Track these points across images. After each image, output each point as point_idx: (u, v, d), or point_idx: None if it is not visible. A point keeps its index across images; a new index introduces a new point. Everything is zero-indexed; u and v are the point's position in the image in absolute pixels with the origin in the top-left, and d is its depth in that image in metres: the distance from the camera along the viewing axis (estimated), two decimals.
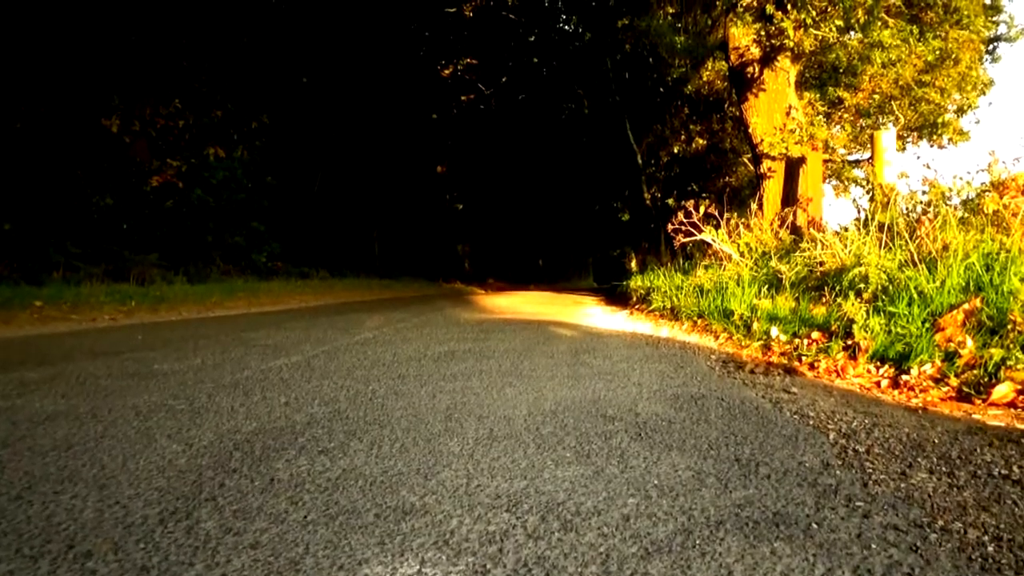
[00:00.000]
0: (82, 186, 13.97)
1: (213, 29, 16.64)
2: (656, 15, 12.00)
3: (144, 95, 15.35)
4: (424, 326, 6.63)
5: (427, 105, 28.06)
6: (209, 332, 6.16)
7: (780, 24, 7.04)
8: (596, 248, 65.84)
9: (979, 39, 7.76)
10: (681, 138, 14.68)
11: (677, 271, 8.67)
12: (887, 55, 7.46)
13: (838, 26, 6.84)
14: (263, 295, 13.63)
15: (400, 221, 29.02)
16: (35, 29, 13.44)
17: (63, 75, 14.03)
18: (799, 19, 6.94)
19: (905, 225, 5.25)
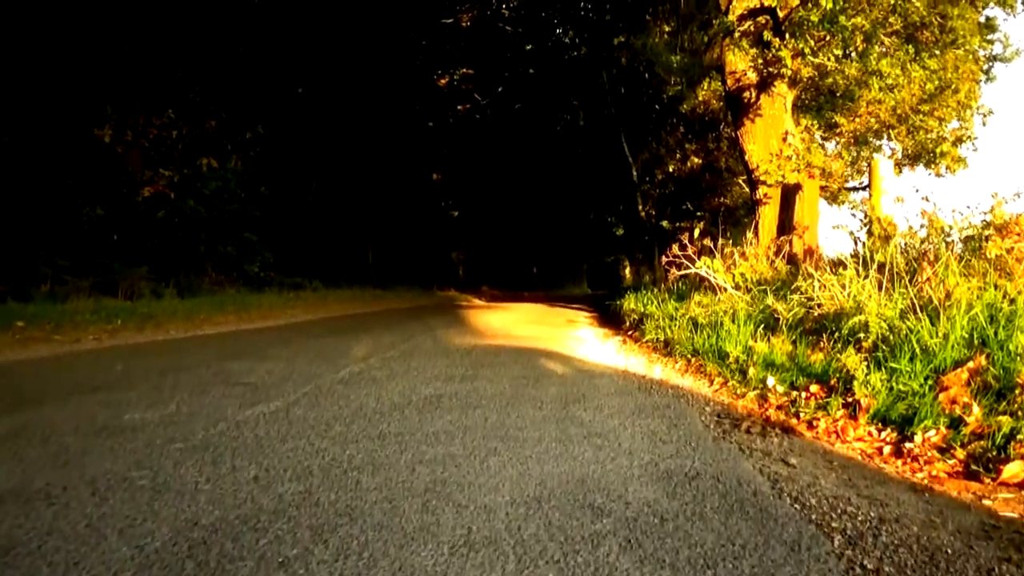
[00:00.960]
0: (73, 197, 13.80)
1: (208, 39, 16.49)
2: (652, 33, 11.91)
3: (137, 105, 15.19)
4: (412, 355, 6.47)
5: (423, 114, 27.96)
6: (191, 362, 5.99)
7: (777, 53, 6.92)
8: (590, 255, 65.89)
9: (977, 68, 7.64)
10: (676, 157, 14.54)
11: (671, 296, 8.53)
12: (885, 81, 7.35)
13: (836, 55, 6.72)
14: (253, 309, 13.45)
15: (395, 229, 28.89)
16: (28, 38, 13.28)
17: (56, 84, 13.87)
18: (797, 47, 6.81)
19: (905, 264, 5.12)
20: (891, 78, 7.35)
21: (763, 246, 8.32)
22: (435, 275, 33.42)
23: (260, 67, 18.52)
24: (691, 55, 10.75)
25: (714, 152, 13.50)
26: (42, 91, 13.69)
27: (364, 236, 26.25)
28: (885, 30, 7.10)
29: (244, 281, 17.00)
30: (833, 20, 6.00)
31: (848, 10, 6.11)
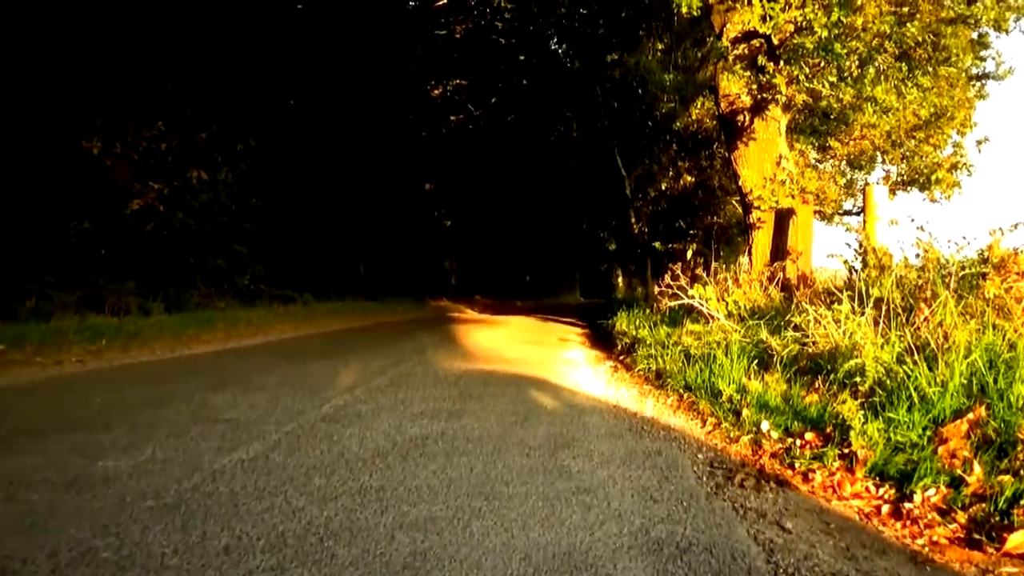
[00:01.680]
0: (60, 210, 13.65)
1: (199, 50, 16.37)
2: (645, 50, 11.85)
3: (127, 117, 15.05)
4: (400, 385, 6.35)
5: (416, 124, 27.87)
6: (173, 392, 5.85)
7: (772, 80, 6.83)
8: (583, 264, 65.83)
9: (972, 96, 7.59)
10: (669, 174, 14.47)
11: (663, 321, 8.43)
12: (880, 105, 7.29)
13: (831, 81, 6.65)
14: (242, 325, 13.32)
15: (387, 238, 28.77)
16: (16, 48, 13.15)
17: (44, 95, 13.73)
18: (792, 74, 6.74)
19: (901, 300, 5.04)
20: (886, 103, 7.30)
21: (756, 270, 8.24)
22: (428, 284, 33.32)
23: (252, 78, 18.42)
24: (684, 73, 10.70)
25: (707, 170, 13.43)
26: (30, 102, 13.55)
27: (356, 247, 26.12)
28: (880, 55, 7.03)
29: (234, 294, 16.86)
30: (828, 48, 5.92)
31: (843, 36, 6.03)
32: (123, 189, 14.66)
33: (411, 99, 26.74)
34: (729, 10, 8.44)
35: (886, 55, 8.59)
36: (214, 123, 17.07)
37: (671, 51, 11.68)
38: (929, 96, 10.42)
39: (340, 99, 22.42)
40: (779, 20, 6.23)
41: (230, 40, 17.57)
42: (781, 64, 6.78)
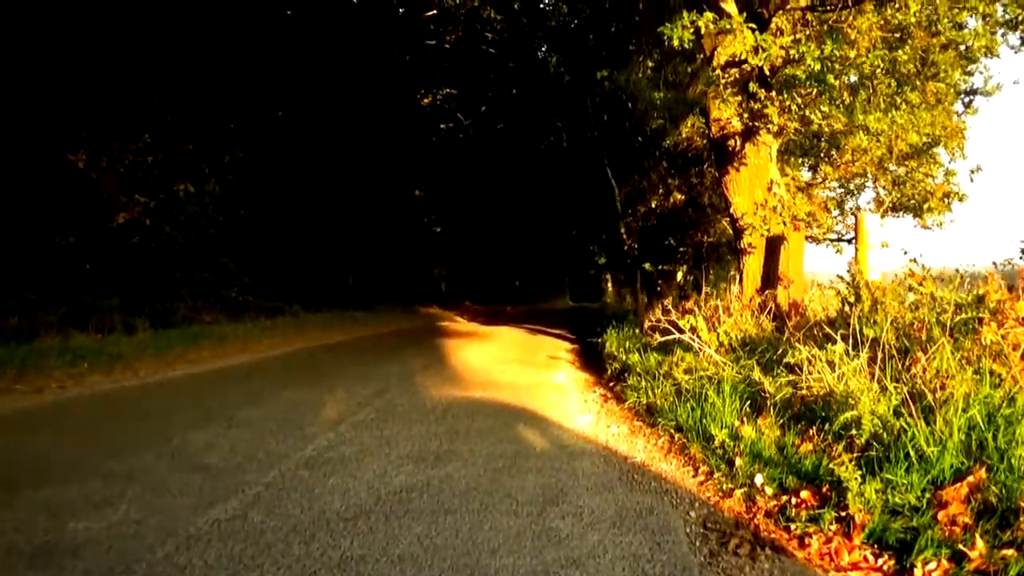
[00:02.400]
0: (44, 225, 13.46)
1: (186, 61, 16.20)
2: (635, 68, 11.76)
3: (113, 129, 14.86)
4: (386, 419, 6.23)
5: (406, 133, 27.73)
6: (152, 430, 5.70)
7: (764, 110, 6.75)
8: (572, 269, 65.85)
9: (963, 124, 7.56)
10: (659, 191, 14.39)
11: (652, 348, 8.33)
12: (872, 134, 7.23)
13: (824, 111, 6.57)
14: (229, 341, 13.15)
15: (377, 245, 28.61)
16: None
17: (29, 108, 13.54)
18: (784, 104, 6.65)
19: (896, 340, 4.95)
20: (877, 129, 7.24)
21: (747, 296, 8.15)
22: (418, 291, 33.19)
23: (240, 89, 18.24)
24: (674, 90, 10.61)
25: (697, 187, 13.34)
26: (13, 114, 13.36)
27: (345, 255, 25.94)
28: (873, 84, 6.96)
29: (221, 307, 16.65)
30: (820, 79, 5.84)
31: (836, 66, 5.95)
32: (109, 202, 14.47)
33: (401, 108, 26.60)
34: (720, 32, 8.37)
35: (878, 81, 8.55)
36: (201, 135, 16.89)
37: (661, 68, 11.58)
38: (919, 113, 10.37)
39: (329, 108, 22.28)
40: (772, 51, 6.15)
41: (218, 50, 17.40)
42: (773, 93, 6.70)
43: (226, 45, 17.71)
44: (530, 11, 19.31)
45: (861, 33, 6.75)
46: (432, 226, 35.72)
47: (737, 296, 8.09)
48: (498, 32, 21.78)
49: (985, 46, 6.68)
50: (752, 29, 6.39)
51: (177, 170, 15.96)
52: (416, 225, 33.05)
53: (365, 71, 23.10)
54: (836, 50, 5.85)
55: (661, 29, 6.58)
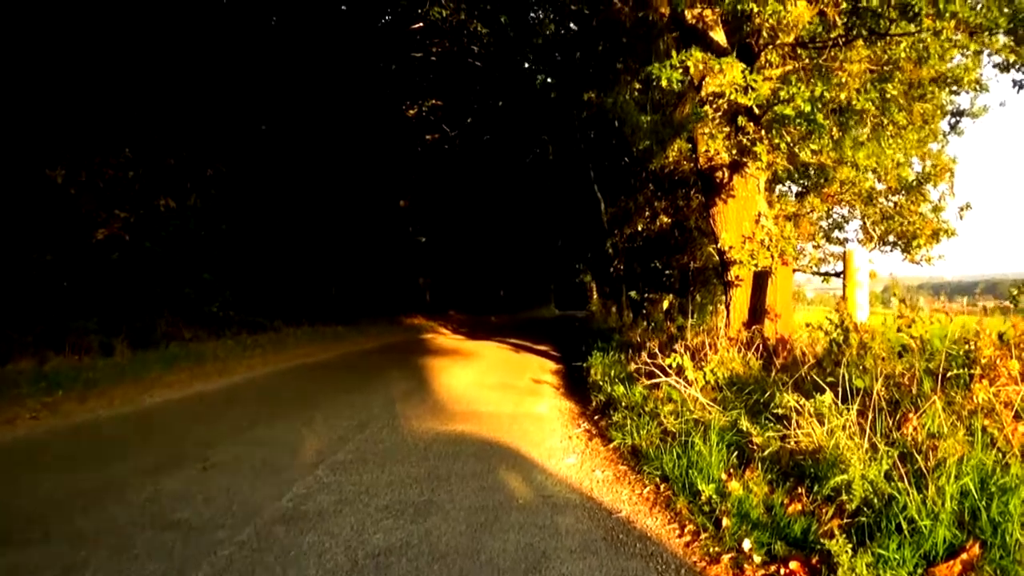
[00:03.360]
0: (20, 242, 13.21)
1: (167, 73, 16.00)
2: (622, 89, 11.67)
3: (93, 144, 14.63)
4: (366, 461, 6.09)
5: (391, 143, 27.60)
6: (124, 474, 5.55)
7: (753, 147, 6.68)
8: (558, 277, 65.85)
9: (952, 160, 7.52)
10: (646, 214, 14.31)
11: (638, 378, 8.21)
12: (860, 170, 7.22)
13: (813, 149, 6.50)
14: (209, 362, 12.98)
15: (361, 256, 28.40)
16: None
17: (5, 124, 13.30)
18: (773, 142, 6.58)
19: (885, 392, 4.87)
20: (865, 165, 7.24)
21: (734, 328, 8.08)
22: (402, 301, 33.00)
23: (222, 102, 18.03)
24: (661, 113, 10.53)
25: (684, 210, 13.27)
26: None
27: (328, 267, 25.69)
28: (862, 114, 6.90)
29: (202, 323, 16.43)
30: (810, 119, 5.77)
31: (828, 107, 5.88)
32: (88, 218, 14.23)
33: (386, 119, 26.46)
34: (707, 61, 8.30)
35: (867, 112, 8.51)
36: (183, 149, 16.67)
37: (648, 90, 11.48)
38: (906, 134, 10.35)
39: (313, 119, 22.10)
40: (761, 91, 6.07)
41: (200, 62, 17.20)
42: (762, 131, 6.63)
43: (209, 57, 17.52)
44: (517, 25, 19.22)
45: (852, 76, 6.70)
46: (417, 236, 35.58)
47: (724, 329, 8.01)
48: (484, 46, 21.69)
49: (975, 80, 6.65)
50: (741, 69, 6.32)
51: (158, 185, 15.73)
52: (401, 235, 32.90)
53: (350, 82, 22.95)
54: (827, 92, 5.79)
55: (649, 69, 6.50)
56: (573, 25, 16.89)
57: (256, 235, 20.31)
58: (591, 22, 14.63)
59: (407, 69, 24.95)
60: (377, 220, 29.32)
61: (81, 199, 14.13)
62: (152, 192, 15.60)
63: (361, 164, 25.85)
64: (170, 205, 15.76)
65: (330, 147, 23.51)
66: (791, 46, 6.56)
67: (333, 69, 21.83)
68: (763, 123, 6.36)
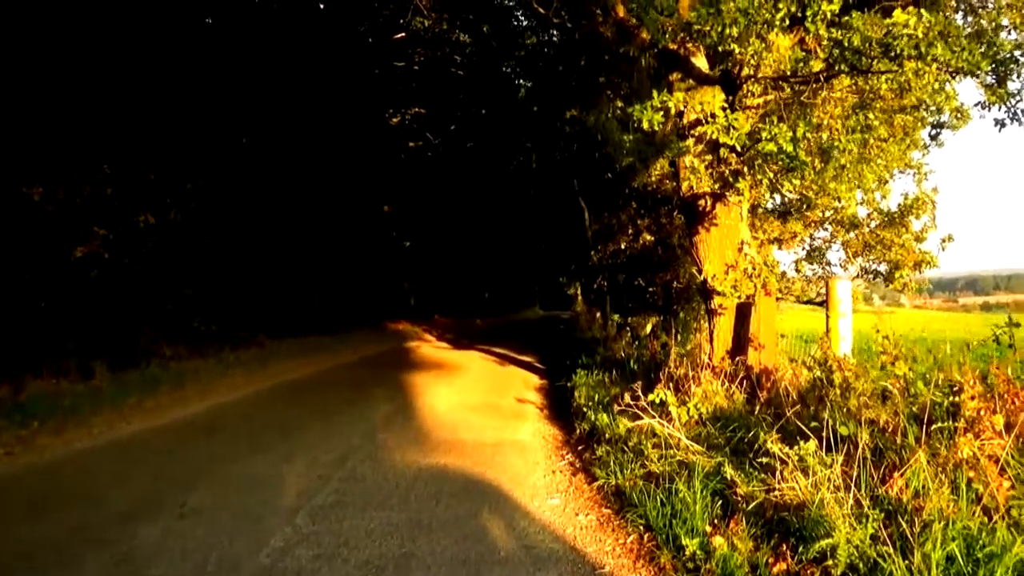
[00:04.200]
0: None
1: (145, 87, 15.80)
2: (604, 107, 11.62)
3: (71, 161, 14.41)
4: (346, 504, 6.00)
5: (374, 151, 27.52)
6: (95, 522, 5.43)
7: (735, 183, 6.64)
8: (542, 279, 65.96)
9: (933, 194, 7.50)
10: (629, 232, 14.28)
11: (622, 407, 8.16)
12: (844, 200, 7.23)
13: (795, 184, 6.47)
14: (190, 382, 12.87)
15: (344, 263, 28.27)
16: None
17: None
18: (755, 178, 6.54)
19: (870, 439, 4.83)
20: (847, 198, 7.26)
21: (718, 357, 8.04)
22: (386, 306, 32.90)
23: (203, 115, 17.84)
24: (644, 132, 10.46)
25: (667, 228, 13.24)
26: None
27: (312, 276, 25.53)
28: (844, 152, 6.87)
29: (183, 338, 16.24)
30: (792, 156, 5.73)
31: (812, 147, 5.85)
32: (66, 236, 14.02)
33: (369, 127, 26.37)
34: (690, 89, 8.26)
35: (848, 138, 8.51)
36: (163, 163, 16.48)
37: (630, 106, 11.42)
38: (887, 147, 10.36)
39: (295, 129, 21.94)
40: (743, 131, 6.03)
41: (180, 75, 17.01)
42: (744, 168, 6.58)
43: (189, 69, 17.32)
44: (499, 35, 19.16)
45: (834, 117, 6.70)
46: (401, 241, 35.50)
47: (708, 359, 7.97)
48: (467, 56, 21.63)
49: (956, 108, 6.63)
50: (723, 108, 6.28)
51: (138, 201, 15.53)
52: (385, 240, 32.80)
53: (332, 92, 22.81)
54: (809, 133, 5.75)
55: (630, 110, 6.46)
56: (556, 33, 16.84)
57: (239, 246, 20.15)
58: (573, 35, 14.58)
59: (390, 78, 24.85)
60: (361, 227, 29.21)
61: (59, 217, 13.91)
62: (131, 208, 15.40)
63: (344, 173, 25.74)
64: (149, 221, 15.57)
65: (313, 157, 23.37)
66: (772, 80, 6.52)
67: (315, 79, 21.68)
68: (745, 159, 6.32)
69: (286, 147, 21.84)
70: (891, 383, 5.52)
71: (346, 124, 24.34)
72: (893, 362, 5.67)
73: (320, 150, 23.71)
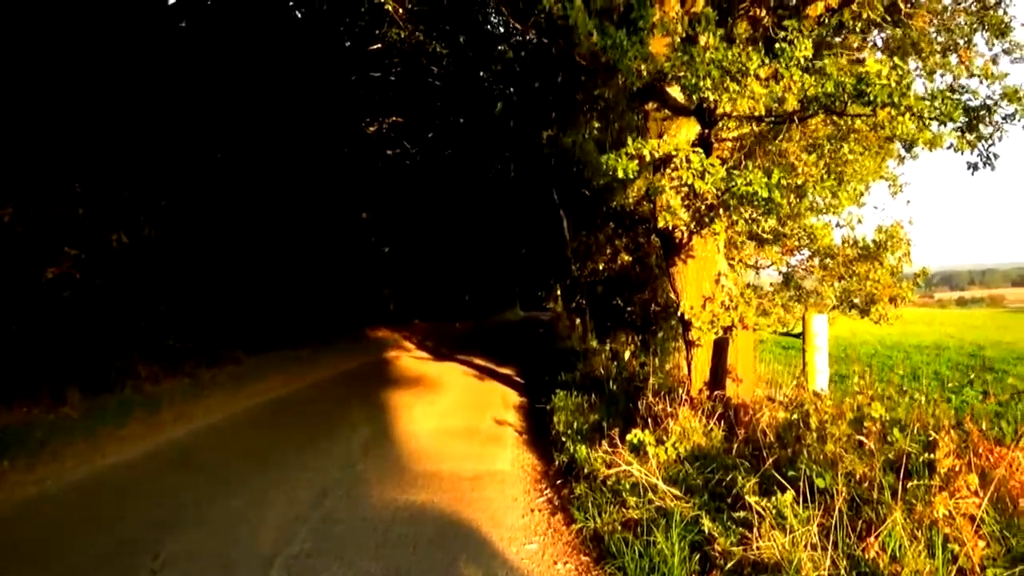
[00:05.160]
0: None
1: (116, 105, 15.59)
2: (582, 128, 11.60)
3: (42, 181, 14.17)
4: (322, 552, 5.92)
5: (351, 161, 27.40)
6: None
7: (711, 225, 6.64)
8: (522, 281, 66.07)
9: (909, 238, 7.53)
10: (607, 252, 14.27)
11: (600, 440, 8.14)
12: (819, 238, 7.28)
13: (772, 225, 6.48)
14: (164, 407, 12.69)
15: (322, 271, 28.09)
16: None
17: None
18: (731, 218, 6.54)
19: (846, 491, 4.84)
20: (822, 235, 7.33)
21: (696, 388, 8.04)
22: (365, 312, 32.76)
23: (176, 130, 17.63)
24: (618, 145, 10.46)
25: (644, 246, 13.26)
26: None
27: (289, 287, 25.30)
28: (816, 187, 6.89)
29: (159, 357, 16.02)
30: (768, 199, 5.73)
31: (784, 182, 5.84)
32: (37, 257, 13.79)
33: (346, 136, 26.25)
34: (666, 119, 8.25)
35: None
36: (136, 181, 16.26)
37: (607, 128, 11.43)
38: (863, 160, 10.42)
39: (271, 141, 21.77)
40: (718, 175, 6.02)
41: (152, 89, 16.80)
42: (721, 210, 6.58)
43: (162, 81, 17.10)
44: (476, 46, 19.05)
45: (808, 164, 6.71)
46: (380, 246, 35.38)
47: (685, 391, 7.97)
48: (444, 66, 21.52)
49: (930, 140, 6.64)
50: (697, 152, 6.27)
51: (111, 219, 15.32)
52: (363, 247, 32.67)
53: (308, 103, 22.64)
54: (784, 179, 5.75)
55: (604, 159, 6.43)
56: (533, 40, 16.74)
57: (215, 259, 19.94)
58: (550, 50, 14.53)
59: (366, 88, 24.72)
60: (339, 234, 29.07)
61: (30, 238, 13.68)
62: (104, 227, 15.19)
63: (321, 182, 25.57)
64: (123, 240, 15.36)
65: (288, 167, 23.19)
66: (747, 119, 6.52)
67: (290, 90, 21.50)
68: (720, 201, 6.31)
69: (261, 157, 21.64)
70: (868, 426, 5.52)
71: (322, 134, 24.23)
72: (870, 403, 5.67)
73: (296, 160, 23.53)
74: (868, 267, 7.27)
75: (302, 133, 23.09)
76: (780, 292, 7.63)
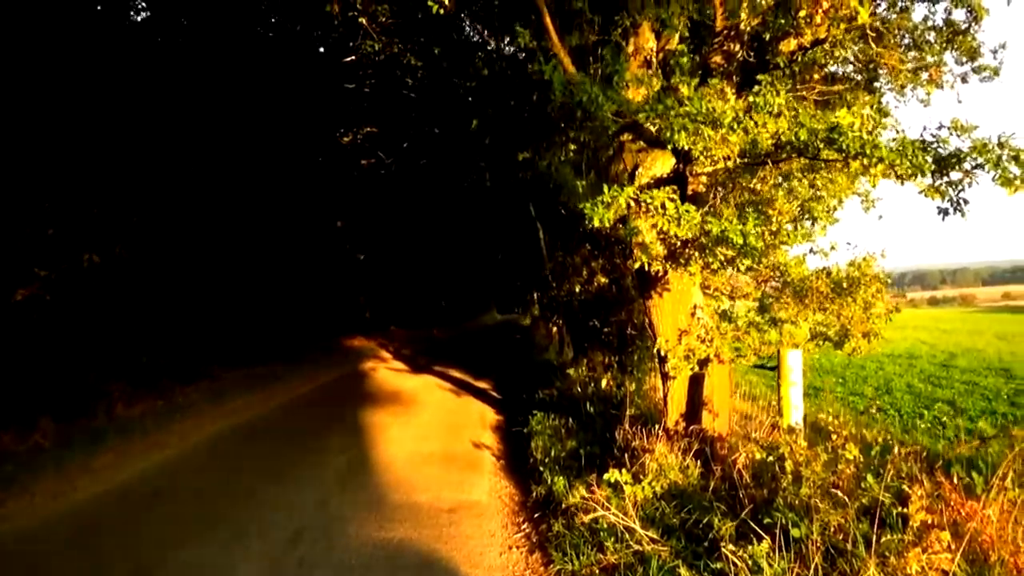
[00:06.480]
0: None
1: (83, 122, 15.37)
2: (557, 151, 11.58)
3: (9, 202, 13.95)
4: None
5: (326, 171, 27.29)
6: None
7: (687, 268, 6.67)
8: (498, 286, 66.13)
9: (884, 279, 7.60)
10: (583, 274, 14.30)
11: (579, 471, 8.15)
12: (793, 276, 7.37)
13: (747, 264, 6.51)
14: (137, 432, 12.52)
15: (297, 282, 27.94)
16: None
17: None
18: (707, 260, 6.56)
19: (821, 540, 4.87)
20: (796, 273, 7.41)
21: (672, 420, 8.06)
22: (341, 321, 32.62)
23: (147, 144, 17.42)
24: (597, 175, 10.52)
25: (620, 267, 13.29)
26: None
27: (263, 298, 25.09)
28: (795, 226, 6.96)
29: (132, 377, 15.80)
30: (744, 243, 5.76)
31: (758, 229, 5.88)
32: (5, 280, 13.59)
33: (320, 147, 26.14)
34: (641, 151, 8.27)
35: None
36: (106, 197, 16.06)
37: (583, 151, 11.40)
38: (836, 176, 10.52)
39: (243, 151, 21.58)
40: (694, 220, 6.04)
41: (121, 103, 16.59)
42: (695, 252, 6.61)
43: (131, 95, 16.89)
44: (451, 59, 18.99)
45: (782, 213, 6.78)
46: (355, 254, 35.23)
47: (661, 428, 7.98)
48: (419, 79, 21.44)
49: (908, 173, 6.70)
50: (673, 199, 6.29)
51: (81, 239, 15.11)
52: (338, 255, 32.53)
53: (282, 115, 22.50)
54: (759, 226, 5.78)
55: (582, 206, 6.44)
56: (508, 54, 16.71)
57: (189, 274, 19.72)
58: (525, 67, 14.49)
59: (340, 99, 24.56)
60: (313, 243, 28.93)
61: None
62: (75, 247, 14.99)
63: (295, 193, 25.44)
64: (94, 260, 15.17)
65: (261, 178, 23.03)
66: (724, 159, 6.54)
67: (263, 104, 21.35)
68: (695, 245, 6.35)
69: (234, 168, 21.45)
70: (842, 468, 5.57)
71: (295, 145, 24.12)
72: (844, 445, 5.71)
73: (269, 171, 23.38)
74: (841, 303, 7.32)
75: (275, 144, 22.94)
76: (756, 321, 7.62)
